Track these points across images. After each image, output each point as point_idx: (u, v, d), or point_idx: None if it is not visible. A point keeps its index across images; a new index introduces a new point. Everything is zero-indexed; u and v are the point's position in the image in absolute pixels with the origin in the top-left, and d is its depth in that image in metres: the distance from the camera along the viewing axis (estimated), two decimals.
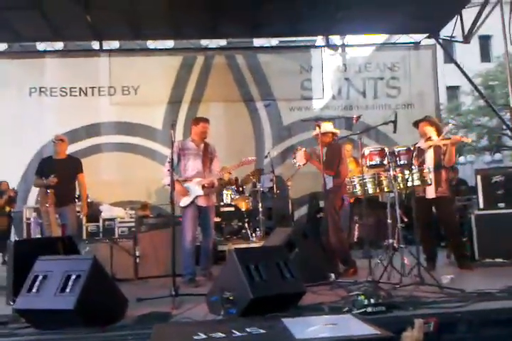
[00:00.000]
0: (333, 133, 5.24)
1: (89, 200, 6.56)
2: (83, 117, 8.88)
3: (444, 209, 5.11)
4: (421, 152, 5.02)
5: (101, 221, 7.09)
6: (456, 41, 9.72)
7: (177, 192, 4.78)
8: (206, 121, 5.11)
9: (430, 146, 5.05)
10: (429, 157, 5.08)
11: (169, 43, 10.22)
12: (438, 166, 5.04)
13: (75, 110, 8.82)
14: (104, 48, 9.10)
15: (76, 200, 5.78)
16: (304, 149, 5.14)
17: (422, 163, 4.89)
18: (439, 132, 5.18)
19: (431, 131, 5.14)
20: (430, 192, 5.01)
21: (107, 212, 7.15)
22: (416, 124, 5.28)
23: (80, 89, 8.98)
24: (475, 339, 2.98)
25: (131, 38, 9.12)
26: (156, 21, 8.26)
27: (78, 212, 5.90)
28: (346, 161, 5.34)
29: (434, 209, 5.16)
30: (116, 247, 5.19)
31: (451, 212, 5.26)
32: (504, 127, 15.12)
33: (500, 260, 5.15)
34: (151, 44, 9.74)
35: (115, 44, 9.63)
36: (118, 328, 3.01)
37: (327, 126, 5.22)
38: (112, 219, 7.01)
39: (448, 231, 5.20)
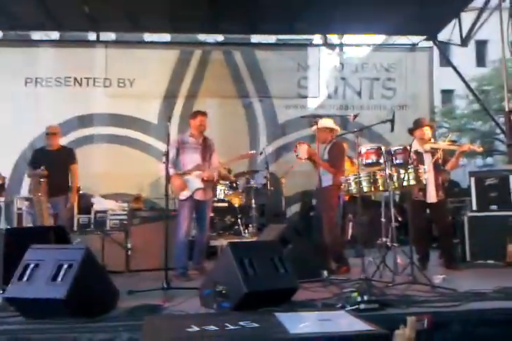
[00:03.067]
0: (332, 130, 5.21)
1: (80, 192, 6.49)
2: (77, 108, 8.78)
3: (439, 211, 5.14)
4: (418, 155, 5.01)
5: (92, 213, 6.99)
6: (454, 44, 9.75)
7: (176, 186, 4.76)
8: (204, 114, 5.11)
9: (434, 149, 5.01)
10: (428, 160, 5.05)
11: (166, 37, 10.17)
12: (437, 170, 5.05)
13: (69, 100, 8.72)
14: (100, 39, 9.04)
15: (68, 191, 5.74)
16: (306, 144, 5.12)
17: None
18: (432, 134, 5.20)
19: (429, 133, 5.13)
20: (432, 197, 5.03)
21: (98, 204, 7.06)
22: (413, 129, 5.26)
23: (75, 79, 8.88)
24: (468, 339, 2.98)
25: (128, 30, 9.05)
26: (154, 14, 8.19)
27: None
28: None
29: (428, 210, 5.18)
30: (108, 239, 5.15)
31: (446, 213, 5.32)
32: (497, 131, 15.23)
33: (492, 261, 5.17)
34: (148, 37, 9.67)
35: (112, 35, 9.55)
36: (109, 319, 2.98)
37: (328, 122, 5.18)
38: (104, 212, 6.91)
39: (441, 232, 5.21)
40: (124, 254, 5.19)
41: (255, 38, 10.27)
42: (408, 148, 4.49)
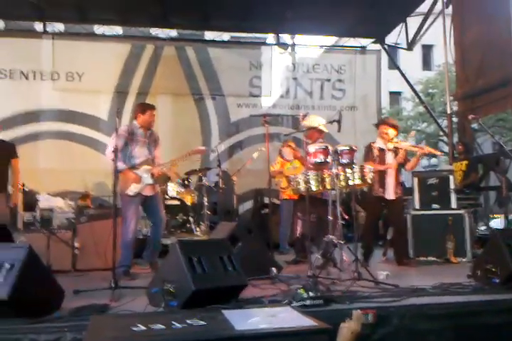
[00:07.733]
0: (322, 132, 5.32)
1: (25, 189, 6.26)
2: (23, 102, 8.45)
3: (396, 208, 5.29)
4: (381, 152, 5.17)
5: (38, 211, 6.76)
6: (400, 48, 10.11)
7: (129, 180, 4.67)
8: (153, 108, 4.91)
9: (396, 148, 5.15)
10: (390, 157, 5.19)
11: (118, 30, 9.95)
12: (399, 169, 5.23)
13: (14, 94, 8.39)
14: (48, 30, 8.75)
15: (9, 187, 5.50)
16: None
17: (381, 163, 5.08)
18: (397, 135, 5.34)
19: (393, 133, 5.25)
20: (391, 194, 5.17)
21: (44, 201, 6.82)
22: (377, 125, 5.41)
23: (21, 72, 8.56)
24: (407, 333, 3.11)
25: (77, 21, 8.79)
26: (104, 5, 8.03)
27: None
28: None
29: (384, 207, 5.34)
30: (54, 238, 4.99)
31: (402, 211, 5.49)
32: (441, 133, 15.87)
33: (433, 258, 5.42)
34: (98, 29, 9.42)
35: (60, 27, 9.25)
36: (53, 320, 2.91)
37: (319, 120, 5.25)
38: (50, 209, 6.70)
39: (396, 229, 5.35)
40: (71, 253, 5.07)
41: (209, 35, 10.25)
42: (354, 148, 4.61)
